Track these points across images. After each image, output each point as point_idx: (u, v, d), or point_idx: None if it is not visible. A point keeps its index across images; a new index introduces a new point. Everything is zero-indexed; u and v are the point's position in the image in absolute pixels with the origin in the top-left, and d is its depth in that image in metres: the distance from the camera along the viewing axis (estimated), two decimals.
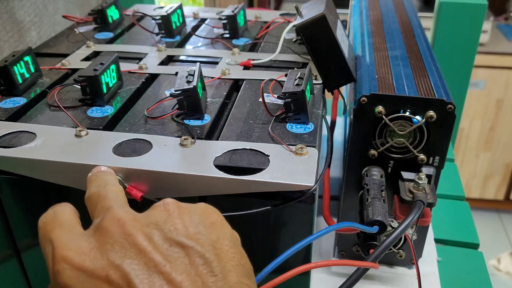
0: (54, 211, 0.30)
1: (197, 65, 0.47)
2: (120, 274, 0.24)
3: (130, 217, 0.26)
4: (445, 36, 0.82)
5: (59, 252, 0.26)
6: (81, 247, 0.26)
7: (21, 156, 0.39)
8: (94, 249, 0.25)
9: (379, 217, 0.41)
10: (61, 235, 0.27)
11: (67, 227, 0.28)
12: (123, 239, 0.25)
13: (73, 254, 0.25)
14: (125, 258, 0.25)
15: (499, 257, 1.88)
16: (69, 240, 0.27)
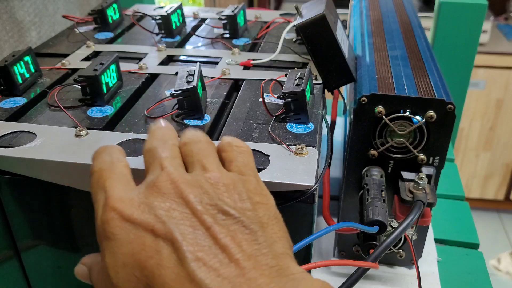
0: (111, 160, 0.30)
1: (197, 65, 0.47)
2: (165, 229, 0.25)
3: (184, 179, 0.27)
4: (445, 36, 0.82)
5: (111, 202, 0.26)
6: (132, 200, 0.26)
7: (21, 156, 0.39)
8: (143, 204, 0.26)
9: (379, 217, 0.41)
10: (116, 185, 0.28)
11: (122, 179, 0.29)
12: (174, 198, 0.26)
13: (124, 205, 0.26)
14: (172, 215, 0.25)
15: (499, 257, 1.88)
16: (122, 192, 0.27)
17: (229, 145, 0.32)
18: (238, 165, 0.30)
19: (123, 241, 0.25)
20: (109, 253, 0.25)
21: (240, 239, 0.25)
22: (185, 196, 0.26)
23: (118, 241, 0.25)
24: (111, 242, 0.25)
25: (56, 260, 0.46)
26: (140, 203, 0.26)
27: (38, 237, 0.45)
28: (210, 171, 0.28)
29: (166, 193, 0.26)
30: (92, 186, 0.29)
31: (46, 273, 0.47)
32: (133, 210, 0.26)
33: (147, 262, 0.24)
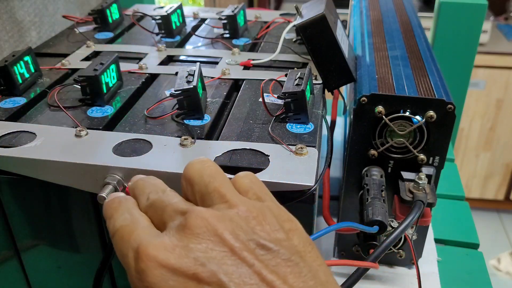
0: (130, 215, 0.28)
1: (197, 65, 0.47)
2: (209, 273, 0.23)
3: (214, 215, 0.26)
4: (445, 36, 0.82)
5: (143, 251, 0.25)
6: (165, 245, 0.25)
7: (21, 156, 0.39)
8: (178, 247, 0.24)
9: (379, 217, 0.41)
10: (144, 235, 0.26)
11: (147, 229, 0.27)
12: (209, 237, 0.25)
13: (157, 252, 0.24)
14: (212, 256, 0.24)
15: (499, 257, 1.88)
16: (153, 239, 0.26)
17: (237, 176, 0.30)
18: (255, 192, 0.29)
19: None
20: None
21: (285, 273, 0.24)
22: (221, 234, 0.24)
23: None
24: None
25: (56, 260, 0.46)
26: (175, 246, 0.25)
27: (38, 237, 0.45)
28: (235, 204, 0.26)
29: (200, 232, 0.25)
30: (117, 245, 0.27)
31: (46, 273, 0.47)
32: (168, 255, 0.24)
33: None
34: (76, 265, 0.46)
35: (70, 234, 0.44)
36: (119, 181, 0.37)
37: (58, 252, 0.46)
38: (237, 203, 0.27)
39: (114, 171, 0.38)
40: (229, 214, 0.26)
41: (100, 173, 0.38)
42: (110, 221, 0.29)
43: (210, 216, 0.25)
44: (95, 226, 0.43)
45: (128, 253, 0.26)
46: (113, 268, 0.46)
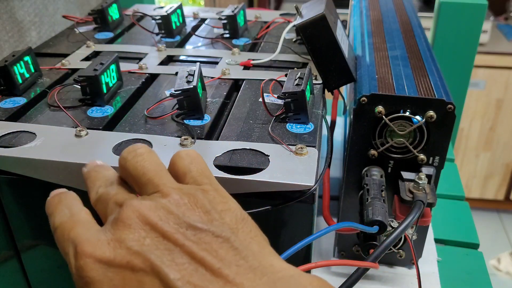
0: (70, 211, 0.30)
1: (197, 65, 0.47)
2: (141, 259, 0.25)
3: (145, 206, 0.27)
4: (445, 36, 0.82)
5: (80, 248, 0.26)
6: (100, 240, 0.26)
7: (21, 156, 0.39)
8: (113, 240, 0.26)
9: (379, 217, 0.41)
10: (81, 232, 0.27)
11: (86, 225, 0.28)
12: (141, 226, 0.26)
13: (94, 247, 0.26)
14: (144, 243, 0.25)
15: (499, 257, 1.88)
16: (89, 236, 0.27)
17: (177, 156, 0.31)
18: (193, 175, 0.30)
19: (103, 282, 0.25)
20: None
21: (216, 249, 0.25)
22: (151, 221, 0.26)
23: (97, 283, 0.25)
24: (91, 286, 0.25)
25: (56, 260, 0.46)
26: (109, 240, 0.26)
27: (38, 237, 0.45)
28: (167, 193, 0.27)
29: (132, 223, 0.26)
30: (58, 241, 0.29)
31: (46, 273, 0.47)
32: (104, 249, 0.26)
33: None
34: None
35: None
36: None
37: (58, 252, 0.45)
38: (170, 191, 0.28)
39: None
40: (161, 203, 0.27)
41: None
42: (51, 218, 0.30)
43: (142, 206, 0.27)
44: None
45: (68, 251, 0.27)
46: None
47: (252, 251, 0.26)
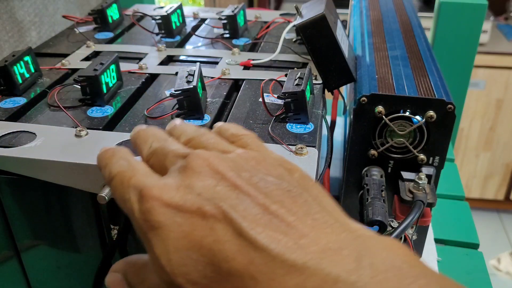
0: (127, 161, 0.28)
1: (197, 65, 0.47)
2: (213, 206, 0.23)
3: (215, 156, 0.26)
4: (445, 36, 0.82)
5: (146, 192, 0.25)
6: (168, 185, 0.25)
7: (21, 156, 0.39)
8: (182, 186, 0.24)
9: (379, 217, 0.41)
10: (144, 178, 0.26)
11: (147, 173, 0.27)
12: (212, 175, 0.25)
13: (161, 192, 0.24)
14: (215, 191, 0.24)
15: (499, 257, 1.88)
16: (154, 181, 0.25)
17: (235, 136, 0.30)
18: (253, 148, 0.29)
19: (171, 226, 0.23)
20: (158, 242, 0.24)
21: (289, 203, 0.24)
22: (222, 171, 0.25)
23: (165, 228, 0.23)
24: (157, 231, 0.24)
25: (56, 260, 0.46)
26: (178, 186, 0.24)
27: (38, 237, 0.45)
28: (232, 150, 0.27)
29: (202, 171, 0.25)
30: (116, 190, 0.27)
31: (46, 273, 0.47)
32: (172, 194, 0.24)
33: (203, 242, 0.23)
34: (76, 265, 0.46)
35: (70, 234, 0.44)
36: None
37: (58, 252, 0.46)
38: (234, 149, 0.27)
39: None
40: (230, 157, 0.26)
41: (100, 173, 0.38)
42: (106, 169, 0.29)
43: (212, 156, 0.26)
44: (95, 226, 0.43)
45: (130, 197, 0.26)
46: None
47: (326, 208, 0.24)
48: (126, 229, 0.40)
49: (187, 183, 0.25)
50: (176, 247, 0.23)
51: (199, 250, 0.23)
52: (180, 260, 0.23)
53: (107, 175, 0.28)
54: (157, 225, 0.24)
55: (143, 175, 0.27)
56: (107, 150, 0.30)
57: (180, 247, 0.23)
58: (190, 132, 0.30)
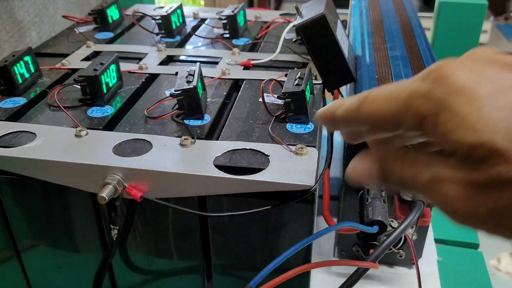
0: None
1: (197, 65, 0.47)
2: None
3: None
4: (445, 36, 0.82)
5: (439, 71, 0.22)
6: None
7: (21, 156, 0.39)
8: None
9: (379, 217, 0.41)
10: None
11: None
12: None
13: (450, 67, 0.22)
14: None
15: (499, 257, 1.88)
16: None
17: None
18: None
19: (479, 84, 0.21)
20: (464, 103, 0.20)
21: None
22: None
23: (471, 87, 0.21)
24: (461, 91, 0.21)
25: (56, 260, 0.46)
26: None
27: (38, 237, 0.45)
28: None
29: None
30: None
31: (46, 273, 0.47)
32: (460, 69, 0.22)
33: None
34: (76, 265, 0.46)
35: (70, 234, 0.44)
36: (119, 181, 0.37)
37: (58, 252, 0.46)
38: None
39: (114, 171, 0.38)
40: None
41: (100, 173, 0.38)
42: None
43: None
44: (95, 226, 0.43)
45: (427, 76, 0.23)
46: (113, 268, 0.46)
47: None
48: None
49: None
50: (493, 105, 0.20)
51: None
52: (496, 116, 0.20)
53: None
54: (459, 87, 0.21)
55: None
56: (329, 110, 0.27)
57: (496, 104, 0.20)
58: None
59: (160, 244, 0.43)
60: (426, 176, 0.22)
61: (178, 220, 0.41)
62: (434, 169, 0.22)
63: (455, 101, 0.21)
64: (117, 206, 0.39)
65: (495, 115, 0.20)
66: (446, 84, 0.21)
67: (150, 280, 0.46)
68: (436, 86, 0.22)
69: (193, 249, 0.43)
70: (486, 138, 0.20)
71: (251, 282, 0.34)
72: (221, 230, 0.41)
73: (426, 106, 0.22)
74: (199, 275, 0.44)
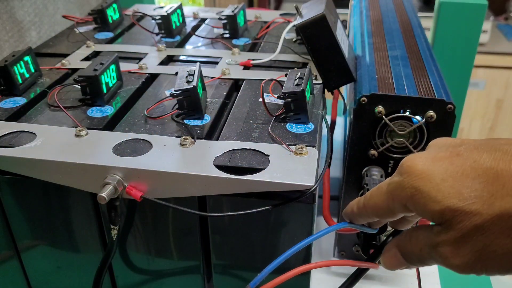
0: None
1: (197, 65, 0.47)
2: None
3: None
4: (445, 36, 0.82)
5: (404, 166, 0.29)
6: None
7: (21, 156, 0.39)
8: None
9: None
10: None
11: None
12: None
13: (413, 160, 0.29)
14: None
15: None
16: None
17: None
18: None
19: (432, 169, 0.28)
20: (423, 184, 0.27)
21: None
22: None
23: (427, 171, 0.28)
24: (421, 176, 0.27)
25: (56, 260, 0.46)
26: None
27: (38, 237, 0.45)
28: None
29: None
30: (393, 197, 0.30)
31: (46, 273, 0.47)
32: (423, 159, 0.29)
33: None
34: (76, 265, 0.46)
35: (70, 234, 0.44)
36: (119, 181, 0.37)
37: (58, 252, 0.46)
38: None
39: (114, 171, 0.38)
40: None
41: (100, 173, 0.38)
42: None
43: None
44: (95, 226, 0.43)
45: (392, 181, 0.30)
46: (113, 268, 0.46)
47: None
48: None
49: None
50: (442, 178, 0.27)
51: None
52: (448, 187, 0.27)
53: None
54: (419, 173, 0.28)
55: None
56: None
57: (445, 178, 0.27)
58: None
59: (160, 244, 0.43)
60: (427, 246, 0.29)
61: (178, 220, 0.41)
62: (430, 239, 0.28)
63: (419, 183, 0.28)
64: (117, 206, 0.39)
65: (446, 184, 0.27)
66: (410, 173, 0.28)
67: (150, 280, 0.46)
68: (405, 176, 0.29)
69: (193, 249, 0.43)
70: (446, 204, 0.26)
71: (251, 282, 0.34)
72: (221, 230, 0.41)
73: (403, 193, 0.29)
74: (199, 275, 0.44)
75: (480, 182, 0.26)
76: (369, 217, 0.34)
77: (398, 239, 0.32)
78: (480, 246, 0.26)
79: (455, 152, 0.28)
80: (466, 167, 0.27)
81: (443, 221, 0.27)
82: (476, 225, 0.26)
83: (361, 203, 0.34)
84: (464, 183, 0.26)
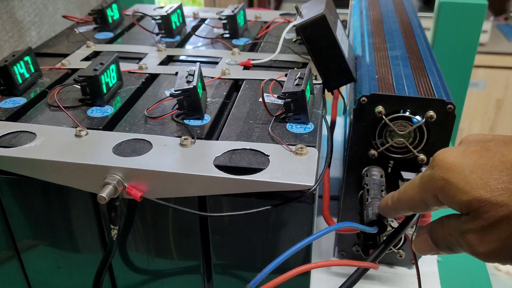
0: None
1: (197, 65, 0.47)
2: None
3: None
4: (445, 36, 0.82)
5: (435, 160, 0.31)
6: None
7: (21, 156, 0.39)
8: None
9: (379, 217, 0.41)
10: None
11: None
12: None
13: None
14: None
15: None
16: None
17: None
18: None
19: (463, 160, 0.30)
20: (454, 175, 0.29)
21: None
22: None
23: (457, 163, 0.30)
24: (452, 168, 0.29)
25: (56, 260, 0.46)
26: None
27: (38, 237, 0.45)
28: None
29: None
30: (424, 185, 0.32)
31: (46, 273, 0.47)
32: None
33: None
34: (76, 265, 0.46)
35: (70, 234, 0.44)
36: (119, 181, 0.37)
37: (58, 252, 0.46)
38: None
39: (114, 171, 0.38)
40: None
41: (100, 173, 0.38)
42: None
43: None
44: (95, 226, 0.43)
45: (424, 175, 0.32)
46: (113, 268, 0.46)
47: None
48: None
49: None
50: (471, 171, 0.29)
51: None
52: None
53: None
54: (449, 166, 0.30)
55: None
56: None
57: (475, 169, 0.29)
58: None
59: (160, 244, 0.43)
60: (456, 233, 0.31)
61: (178, 220, 0.41)
62: (458, 227, 0.30)
63: (449, 175, 0.30)
64: (117, 206, 0.39)
65: (474, 176, 0.28)
66: (441, 166, 0.30)
67: (150, 280, 0.46)
68: (436, 169, 0.30)
69: (193, 249, 0.43)
70: (474, 195, 0.28)
71: (251, 282, 0.34)
72: (221, 230, 0.41)
73: (434, 185, 0.30)
74: (199, 275, 0.44)
75: (507, 174, 0.28)
76: (404, 210, 0.36)
77: (430, 225, 0.34)
78: (505, 235, 0.27)
79: (485, 146, 0.30)
80: (495, 161, 0.28)
81: (470, 211, 0.29)
82: (502, 216, 0.27)
83: (395, 197, 0.35)
84: (492, 176, 0.28)
